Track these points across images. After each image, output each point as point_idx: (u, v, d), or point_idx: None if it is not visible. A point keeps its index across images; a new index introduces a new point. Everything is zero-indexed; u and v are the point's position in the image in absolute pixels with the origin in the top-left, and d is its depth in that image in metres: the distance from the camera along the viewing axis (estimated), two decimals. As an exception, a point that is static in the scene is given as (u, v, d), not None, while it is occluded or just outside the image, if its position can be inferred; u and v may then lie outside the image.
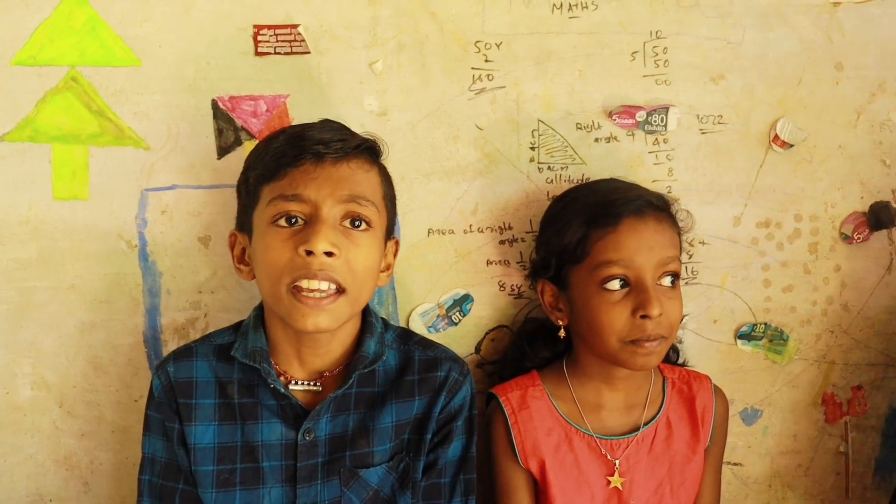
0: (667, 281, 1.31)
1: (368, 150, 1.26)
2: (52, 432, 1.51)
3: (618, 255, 1.31)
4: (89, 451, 1.52)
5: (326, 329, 1.20)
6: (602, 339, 1.33)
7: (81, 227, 1.46)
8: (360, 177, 1.22)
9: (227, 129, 1.45)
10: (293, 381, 1.28)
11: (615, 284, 1.31)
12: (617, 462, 1.38)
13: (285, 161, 1.20)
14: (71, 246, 1.46)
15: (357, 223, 1.22)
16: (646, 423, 1.41)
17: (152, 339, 1.50)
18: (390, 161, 1.40)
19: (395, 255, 1.35)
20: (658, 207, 1.34)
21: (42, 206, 1.45)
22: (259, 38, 1.43)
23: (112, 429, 1.51)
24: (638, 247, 1.31)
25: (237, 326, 1.33)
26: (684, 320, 1.53)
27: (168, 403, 1.27)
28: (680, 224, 1.39)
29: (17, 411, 1.50)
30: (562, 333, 1.40)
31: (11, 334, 1.48)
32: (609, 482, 1.38)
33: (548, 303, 1.41)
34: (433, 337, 1.48)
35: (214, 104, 1.45)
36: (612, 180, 1.45)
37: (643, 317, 1.29)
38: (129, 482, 1.31)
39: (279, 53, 1.44)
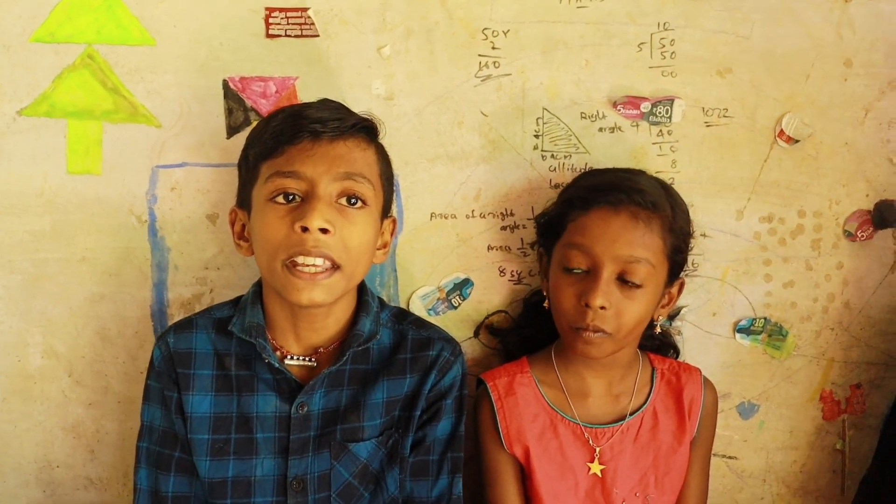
0: (625, 279, 1.30)
1: (365, 130, 1.28)
2: (61, 401, 1.55)
3: (581, 240, 1.32)
4: (96, 420, 1.56)
5: (321, 303, 1.23)
6: (557, 320, 1.36)
7: (93, 202, 1.50)
8: (356, 155, 1.24)
9: (236, 109, 1.48)
10: (289, 356, 1.31)
11: (575, 267, 1.32)
12: (598, 449, 1.39)
13: (283, 139, 1.22)
14: (83, 219, 1.50)
15: (353, 201, 1.24)
16: (632, 413, 1.42)
17: (159, 312, 1.53)
18: (395, 145, 1.42)
19: (392, 234, 1.37)
20: (643, 205, 1.30)
21: (56, 179, 1.49)
22: (270, 20, 1.46)
23: (118, 399, 1.55)
24: (601, 236, 1.30)
25: (237, 301, 1.36)
26: (682, 312, 1.54)
27: (167, 373, 1.30)
28: (677, 232, 1.34)
29: (28, 379, 1.55)
30: (546, 304, 1.41)
31: (24, 304, 1.52)
32: (589, 469, 1.39)
33: (541, 270, 1.45)
34: (433, 320, 1.50)
35: (225, 84, 1.47)
36: (629, 170, 1.43)
37: (586, 305, 1.29)
38: (133, 451, 1.33)
39: (289, 36, 1.46)
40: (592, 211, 1.33)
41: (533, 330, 1.48)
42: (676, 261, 1.35)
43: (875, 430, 1.60)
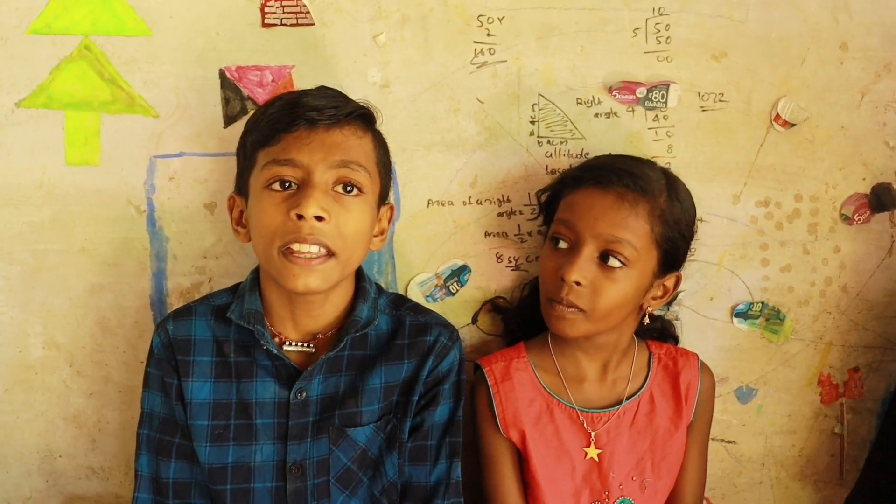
0: (607, 259, 1.31)
1: (362, 117, 1.29)
2: (62, 391, 1.57)
3: (567, 216, 1.35)
4: (97, 410, 1.57)
5: (316, 290, 1.23)
6: (541, 293, 1.38)
7: (92, 192, 1.50)
8: (352, 143, 1.25)
9: (233, 99, 1.49)
10: (287, 342, 1.31)
11: (560, 241, 1.34)
12: (593, 433, 1.40)
13: (280, 127, 1.23)
14: (82, 210, 1.51)
15: (349, 188, 1.24)
16: (629, 397, 1.42)
17: (158, 302, 1.54)
18: (391, 132, 1.43)
19: (389, 221, 1.38)
20: (632, 188, 1.31)
21: (55, 171, 1.50)
22: (266, 9, 1.46)
23: (119, 388, 1.56)
24: (586, 213, 1.32)
25: (235, 288, 1.37)
26: (680, 296, 1.54)
27: (167, 360, 1.31)
28: (670, 222, 1.34)
29: (29, 370, 1.56)
30: None
31: (24, 295, 1.53)
32: (586, 454, 1.40)
33: None
34: (431, 306, 1.50)
35: (222, 74, 1.48)
36: (637, 158, 1.42)
37: (562, 279, 1.30)
38: (134, 440, 1.34)
39: (285, 25, 1.46)
40: (582, 189, 1.35)
41: (533, 310, 1.48)
42: (670, 252, 1.35)
43: (873, 414, 1.61)
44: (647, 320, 1.42)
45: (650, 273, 1.34)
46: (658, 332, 1.52)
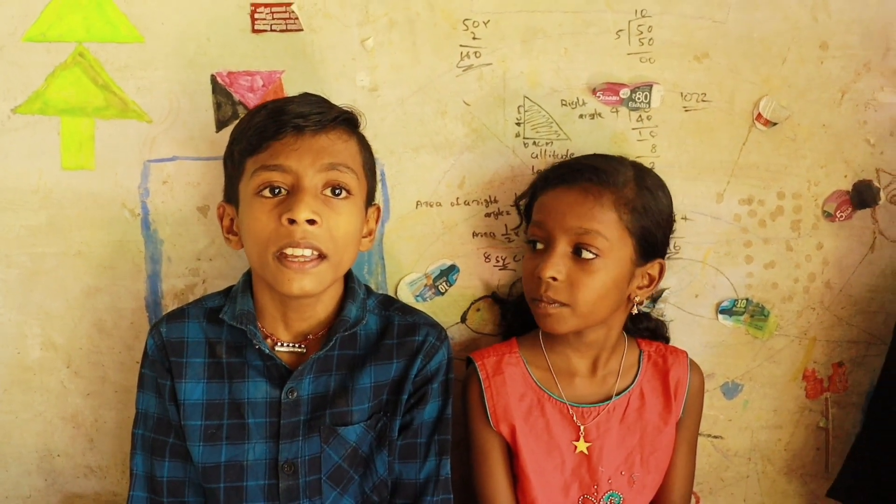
0: (580, 252, 1.34)
1: (346, 122, 1.31)
2: (60, 391, 1.59)
3: (539, 216, 1.39)
4: (94, 410, 1.60)
5: (311, 292, 1.26)
6: (525, 296, 1.41)
7: (88, 196, 1.53)
8: (339, 147, 1.27)
9: (225, 104, 1.51)
10: (278, 343, 1.34)
11: (535, 243, 1.39)
12: (583, 427, 1.43)
13: (267, 135, 1.25)
14: (78, 214, 1.53)
15: (337, 191, 1.27)
16: (619, 393, 1.45)
17: (154, 303, 1.57)
18: (380, 135, 1.46)
19: (377, 221, 1.40)
20: (594, 181, 1.35)
21: (51, 175, 1.52)
22: (256, 15, 1.48)
23: (115, 389, 1.59)
24: (553, 211, 1.36)
25: (227, 291, 1.39)
26: (665, 294, 1.57)
27: (160, 361, 1.34)
28: (640, 210, 1.37)
29: (28, 371, 1.59)
30: None
31: (22, 297, 1.56)
32: (576, 447, 1.42)
33: None
34: (420, 306, 1.53)
35: (213, 79, 1.50)
36: (603, 156, 1.45)
37: (539, 277, 1.34)
38: (130, 439, 1.37)
39: (275, 31, 1.49)
40: (550, 190, 1.39)
41: (524, 307, 1.50)
42: (646, 239, 1.37)
43: (857, 408, 1.63)
44: (635, 310, 1.44)
45: (627, 261, 1.37)
46: (651, 332, 1.54)
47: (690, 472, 1.50)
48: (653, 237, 1.39)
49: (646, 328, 1.53)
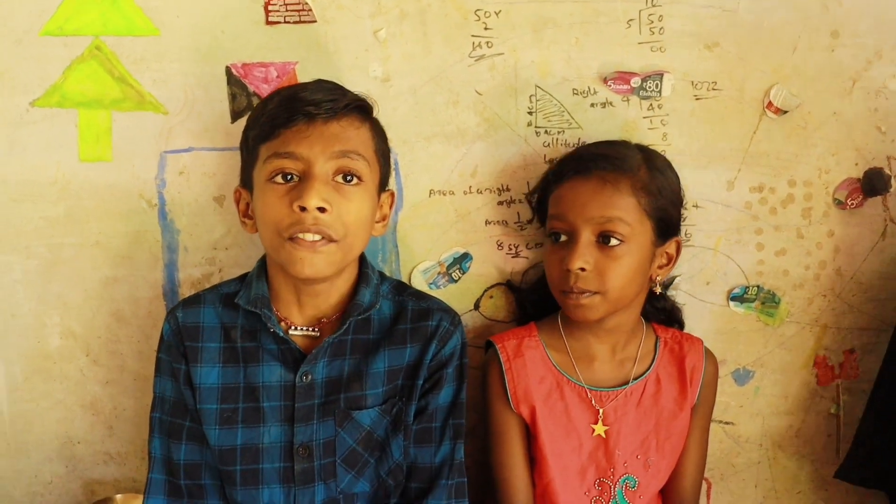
0: (605, 240, 1.36)
1: (359, 108, 1.32)
2: (80, 379, 1.62)
3: (558, 210, 1.40)
4: (113, 398, 1.62)
5: (322, 274, 1.27)
6: (551, 289, 1.43)
7: (105, 188, 1.55)
8: (350, 134, 1.29)
9: (239, 95, 1.53)
10: (293, 327, 1.36)
11: (557, 236, 1.40)
12: (601, 411, 1.44)
13: (279, 122, 1.27)
14: (95, 205, 1.56)
15: (349, 178, 1.28)
16: (636, 378, 1.46)
17: (171, 292, 1.59)
18: (393, 125, 1.47)
19: (390, 207, 1.42)
20: (609, 169, 1.37)
21: (69, 167, 1.54)
22: (269, 7, 1.50)
23: (134, 377, 1.61)
24: (573, 203, 1.38)
25: (243, 277, 1.41)
26: (676, 280, 1.58)
27: (176, 346, 1.36)
28: (655, 191, 1.38)
29: (48, 359, 1.61)
30: None
31: (42, 287, 1.58)
32: (594, 430, 1.44)
33: None
34: (434, 293, 1.54)
35: (228, 71, 1.52)
36: (608, 142, 1.48)
37: (567, 270, 1.36)
38: (148, 426, 1.39)
39: (288, 22, 1.51)
40: (566, 182, 1.40)
41: (540, 293, 1.52)
42: (663, 219, 1.39)
43: (868, 395, 1.63)
44: (658, 289, 1.46)
45: (649, 243, 1.39)
46: (667, 313, 1.56)
47: (702, 458, 1.52)
48: (668, 216, 1.41)
49: (662, 308, 1.54)
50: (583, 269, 1.35)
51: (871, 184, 1.57)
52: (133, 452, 1.64)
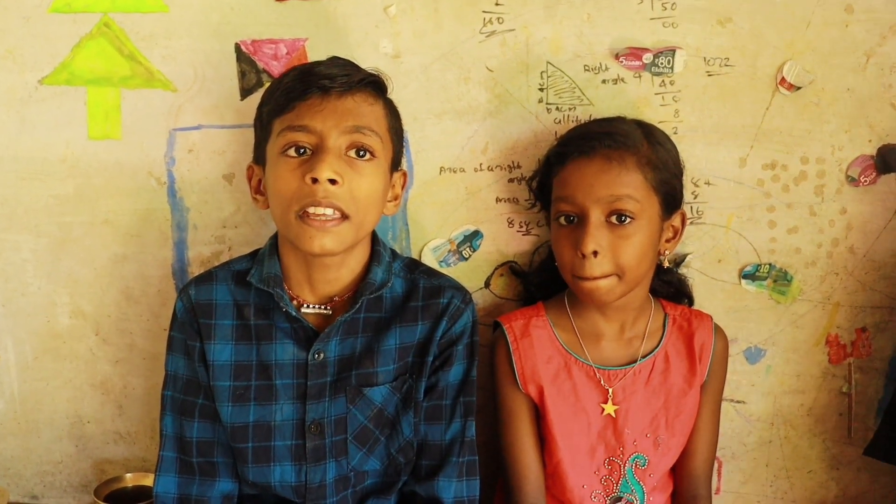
0: (615, 219, 1.34)
1: (373, 84, 1.32)
2: (89, 358, 1.62)
3: (564, 192, 1.38)
4: (123, 377, 1.63)
5: (332, 251, 1.27)
6: (562, 272, 1.41)
7: (114, 166, 1.55)
8: (364, 109, 1.28)
9: (249, 72, 1.52)
10: (305, 305, 1.35)
11: (564, 219, 1.38)
12: (611, 390, 1.44)
13: (294, 95, 1.26)
14: (105, 183, 1.56)
15: (361, 153, 1.28)
16: (644, 356, 1.46)
17: (180, 271, 1.59)
18: (403, 102, 1.45)
19: (403, 187, 1.41)
20: (613, 147, 1.35)
21: (78, 145, 1.54)
22: (279, -17, 1.50)
23: (143, 356, 1.62)
24: (579, 184, 1.36)
25: (254, 254, 1.41)
26: (688, 259, 1.57)
27: (189, 323, 1.36)
28: (660, 165, 1.38)
29: (58, 339, 1.62)
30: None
31: (51, 266, 1.59)
32: (603, 409, 1.44)
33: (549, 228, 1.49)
34: (444, 271, 1.53)
35: (237, 48, 1.51)
36: (605, 119, 1.47)
37: (582, 255, 1.34)
38: (158, 405, 1.39)
39: (298, -2, 1.50)
40: (569, 163, 1.39)
41: (549, 273, 1.51)
42: (668, 192, 1.39)
43: (881, 373, 1.63)
44: (666, 263, 1.46)
45: (657, 218, 1.38)
46: (674, 287, 1.55)
47: (714, 437, 1.51)
48: (673, 189, 1.40)
49: (669, 281, 1.53)
50: (596, 253, 1.34)
51: (885, 161, 1.55)
52: (143, 431, 1.65)
